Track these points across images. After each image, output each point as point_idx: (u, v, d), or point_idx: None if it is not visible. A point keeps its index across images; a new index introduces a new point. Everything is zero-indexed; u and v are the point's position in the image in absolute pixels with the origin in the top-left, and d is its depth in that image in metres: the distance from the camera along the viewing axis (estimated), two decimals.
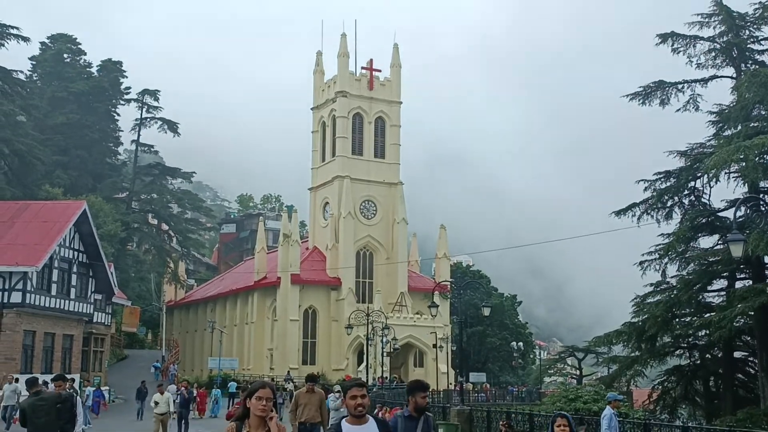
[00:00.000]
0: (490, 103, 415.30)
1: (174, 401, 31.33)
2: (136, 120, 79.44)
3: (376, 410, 28.28)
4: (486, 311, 46.31)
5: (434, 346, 63.69)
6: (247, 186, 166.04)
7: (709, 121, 34.66)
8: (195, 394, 39.26)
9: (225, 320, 76.03)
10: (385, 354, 57.77)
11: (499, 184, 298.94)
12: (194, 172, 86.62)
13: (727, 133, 32.82)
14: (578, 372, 74.49)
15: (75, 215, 43.49)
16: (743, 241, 17.96)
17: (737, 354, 35.22)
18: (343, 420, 6.10)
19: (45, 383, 22.96)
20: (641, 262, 35.50)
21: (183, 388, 33.15)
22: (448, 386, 58.27)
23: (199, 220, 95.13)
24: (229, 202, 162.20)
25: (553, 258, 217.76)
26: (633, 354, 36.29)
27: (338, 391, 22.90)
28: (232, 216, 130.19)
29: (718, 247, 33.68)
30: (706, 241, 36.09)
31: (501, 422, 22.80)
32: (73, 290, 44.61)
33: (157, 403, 25.81)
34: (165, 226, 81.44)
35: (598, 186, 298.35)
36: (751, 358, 34.96)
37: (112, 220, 62.59)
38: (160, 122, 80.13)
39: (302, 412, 15.35)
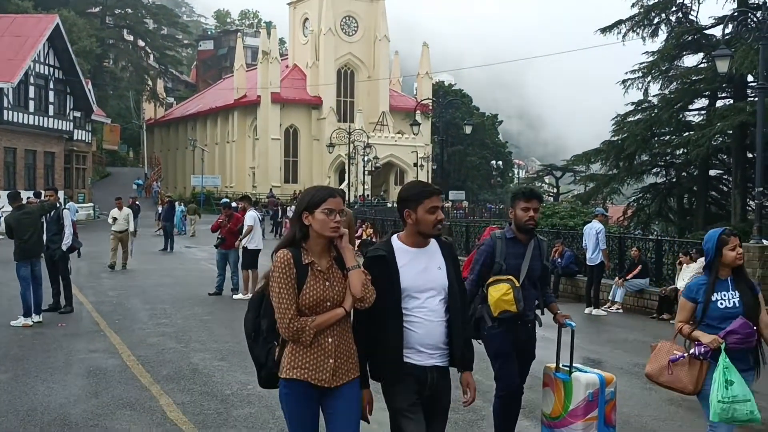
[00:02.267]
0: None
1: (182, 219, 31.62)
2: None
3: (357, 227, 28.90)
4: (468, 129, 46.78)
5: (415, 164, 64.31)
6: (224, 1, 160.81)
7: None
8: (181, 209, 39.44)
9: (206, 138, 75.95)
10: (366, 173, 58.40)
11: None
12: None
13: None
14: (555, 190, 76.15)
15: (48, 29, 42.25)
16: (730, 57, 17.80)
17: (713, 172, 35.99)
18: (395, 236, 4.24)
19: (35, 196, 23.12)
20: (624, 81, 35.49)
21: (165, 204, 33.36)
22: None
23: (175, 36, 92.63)
24: (205, 18, 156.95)
25: (526, 76, 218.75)
26: (611, 172, 36.95)
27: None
28: (209, 33, 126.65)
29: (702, 65, 33.57)
30: (691, 60, 35.99)
31: (477, 237, 23.45)
32: (51, 107, 44.14)
33: (115, 219, 21.54)
34: (141, 43, 79.44)
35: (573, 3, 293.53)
36: (725, 176, 35.77)
37: (86, 36, 60.74)
38: None
39: None
